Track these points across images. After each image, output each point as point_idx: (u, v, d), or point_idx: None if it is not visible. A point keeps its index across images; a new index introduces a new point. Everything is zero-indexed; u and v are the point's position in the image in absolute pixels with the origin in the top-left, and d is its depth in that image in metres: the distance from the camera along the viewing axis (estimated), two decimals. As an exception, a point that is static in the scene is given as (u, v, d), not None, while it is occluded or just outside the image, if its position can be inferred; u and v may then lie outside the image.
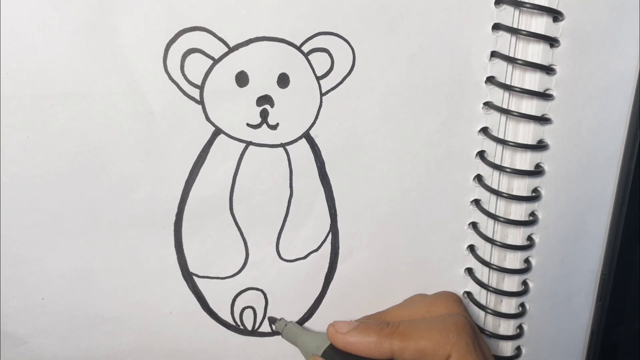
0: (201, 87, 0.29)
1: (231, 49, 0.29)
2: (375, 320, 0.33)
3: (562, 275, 0.36)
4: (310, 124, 0.31)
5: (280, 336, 0.34)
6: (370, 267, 0.34)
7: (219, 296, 0.33)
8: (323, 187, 0.33)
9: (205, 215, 0.31)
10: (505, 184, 0.34)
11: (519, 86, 0.32)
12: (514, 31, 0.31)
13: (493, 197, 0.34)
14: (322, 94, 0.31)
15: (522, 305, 0.36)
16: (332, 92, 0.31)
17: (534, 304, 0.36)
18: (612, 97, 0.33)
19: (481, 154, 0.34)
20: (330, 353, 0.31)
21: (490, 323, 0.36)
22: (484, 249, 0.35)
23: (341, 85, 0.31)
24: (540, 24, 0.31)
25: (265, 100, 0.30)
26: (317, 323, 0.35)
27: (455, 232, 0.35)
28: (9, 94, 0.27)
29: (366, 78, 0.31)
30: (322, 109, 0.31)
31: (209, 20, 0.28)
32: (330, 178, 0.32)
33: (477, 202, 0.34)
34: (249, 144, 0.31)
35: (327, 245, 0.34)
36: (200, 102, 0.29)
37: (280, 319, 0.34)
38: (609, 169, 0.35)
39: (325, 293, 0.34)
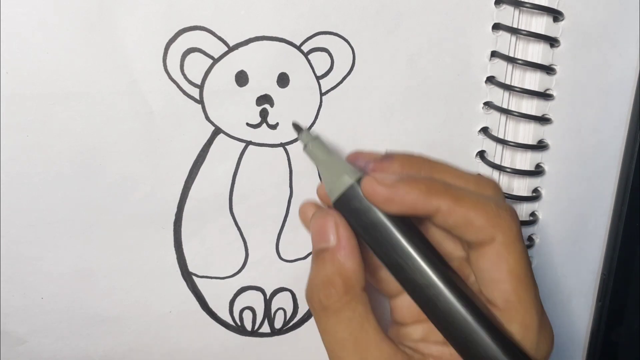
0: (201, 87, 0.29)
1: (231, 49, 0.29)
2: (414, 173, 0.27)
3: (562, 275, 0.36)
4: (310, 124, 0.31)
5: (279, 337, 0.34)
6: (370, 267, 0.34)
7: (218, 296, 0.33)
8: (323, 187, 0.33)
9: (205, 215, 0.31)
10: (505, 184, 0.34)
11: (519, 86, 0.32)
12: (514, 31, 0.31)
13: (493, 197, 0.34)
14: (322, 94, 0.31)
15: (522, 305, 0.36)
16: (332, 91, 0.31)
17: (534, 304, 0.36)
18: (612, 97, 0.33)
19: (481, 154, 0.34)
20: (347, 199, 0.25)
21: (490, 323, 0.36)
22: (483, 249, 0.35)
23: (341, 85, 0.31)
24: (540, 23, 0.31)
25: (265, 99, 0.30)
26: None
27: (455, 232, 0.35)
28: (9, 93, 0.27)
29: (366, 78, 0.31)
30: (322, 109, 0.31)
31: (208, 19, 0.28)
32: (330, 178, 0.32)
33: (477, 202, 0.34)
34: (248, 143, 0.31)
35: (327, 245, 0.34)
36: (200, 101, 0.29)
37: (308, 130, 0.29)
38: (609, 169, 0.35)
39: (325, 293, 0.34)
